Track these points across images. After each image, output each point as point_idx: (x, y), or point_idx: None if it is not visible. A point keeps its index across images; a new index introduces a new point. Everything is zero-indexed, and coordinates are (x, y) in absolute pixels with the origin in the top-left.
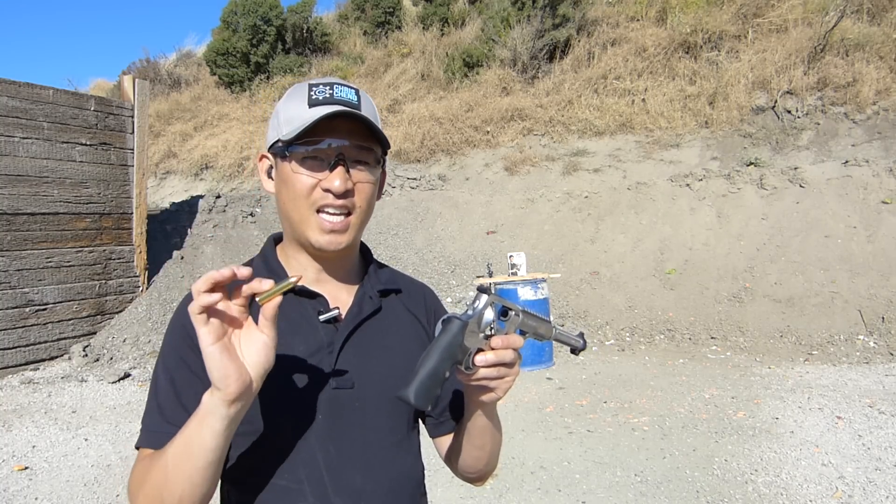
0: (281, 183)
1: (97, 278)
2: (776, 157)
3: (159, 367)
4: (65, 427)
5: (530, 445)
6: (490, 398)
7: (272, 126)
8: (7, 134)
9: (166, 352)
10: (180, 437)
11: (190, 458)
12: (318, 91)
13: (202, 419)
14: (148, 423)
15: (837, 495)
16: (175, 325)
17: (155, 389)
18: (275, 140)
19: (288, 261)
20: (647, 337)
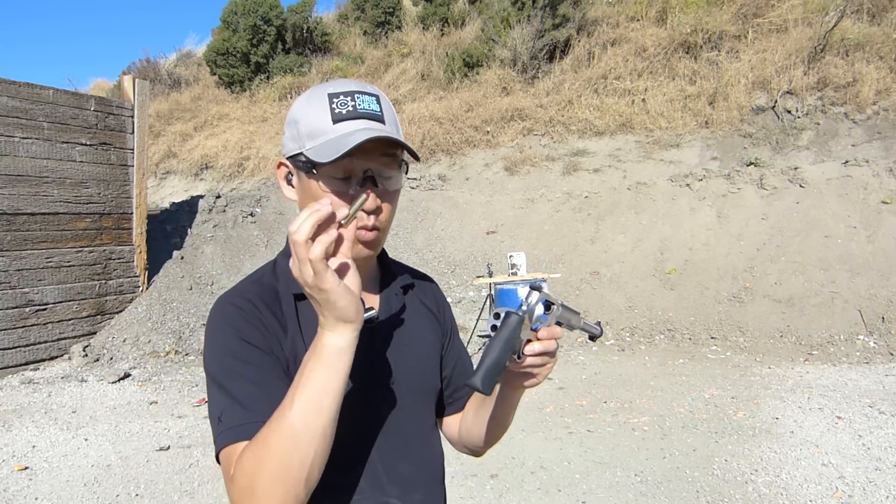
0: (307, 197)
1: (97, 278)
2: (776, 157)
3: (218, 368)
4: (65, 427)
5: (530, 445)
6: (532, 383)
7: (291, 135)
8: (7, 134)
9: (223, 352)
10: (304, 394)
11: (321, 412)
12: (340, 103)
13: (331, 363)
14: (230, 420)
15: (837, 495)
16: (221, 324)
17: (224, 390)
18: (296, 152)
19: None
20: (647, 337)
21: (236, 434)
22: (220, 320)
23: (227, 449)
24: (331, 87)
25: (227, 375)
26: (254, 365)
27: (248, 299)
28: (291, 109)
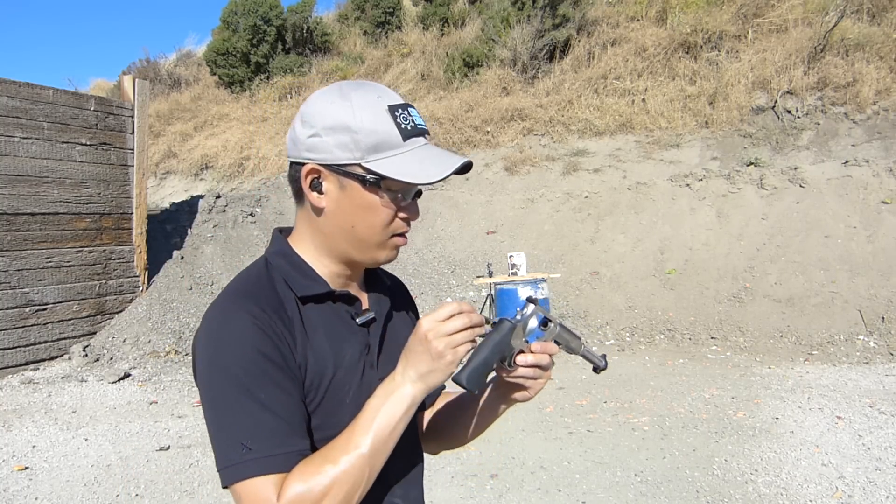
0: (357, 207)
1: (97, 278)
2: (776, 157)
3: (236, 388)
4: (65, 427)
5: (530, 445)
6: (523, 397)
7: (342, 143)
8: (7, 134)
9: (241, 369)
10: (379, 437)
11: (386, 454)
12: (403, 118)
13: (409, 414)
14: (262, 448)
15: (837, 495)
16: (234, 336)
17: (246, 414)
18: (351, 162)
19: (314, 263)
20: (647, 337)
21: (273, 465)
22: (233, 331)
23: (260, 479)
24: (384, 97)
25: (249, 397)
26: (276, 386)
27: (260, 307)
28: (334, 114)
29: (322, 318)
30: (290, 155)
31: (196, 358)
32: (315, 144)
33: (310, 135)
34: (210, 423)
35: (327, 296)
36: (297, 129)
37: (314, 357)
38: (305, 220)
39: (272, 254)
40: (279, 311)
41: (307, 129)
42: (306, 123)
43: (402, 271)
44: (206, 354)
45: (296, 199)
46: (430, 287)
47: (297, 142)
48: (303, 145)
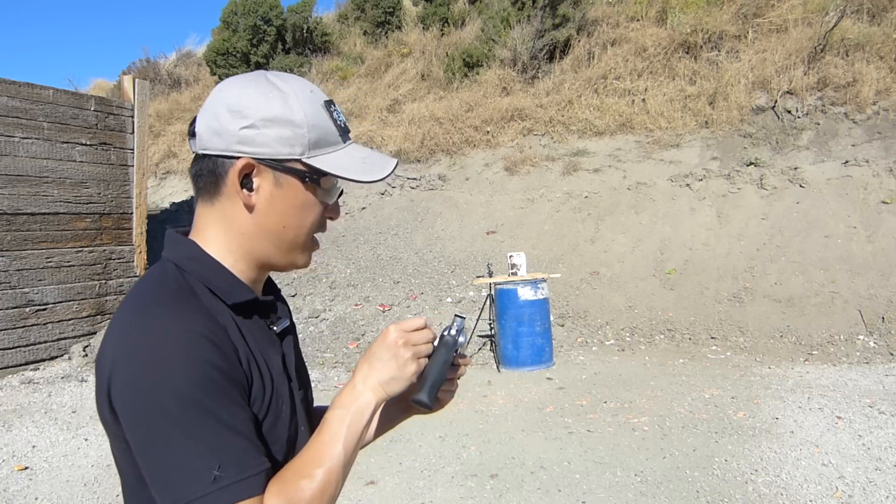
0: (290, 206)
1: (97, 278)
2: (776, 157)
3: (193, 412)
4: (65, 427)
5: (530, 445)
6: (436, 407)
7: (282, 137)
8: (7, 134)
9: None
10: (346, 445)
11: (356, 453)
12: (336, 114)
13: (370, 420)
14: (233, 474)
15: (837, 495)
16: (194, 361)
17: (212, 438)
18: (290, 157)
19: (231, 268)
20: (647, 337)
21: (248, 489)
22: (178, 344)
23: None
24: (315, 91)
25: (210, 417)
26: (233, 402)
27: (201, 314)
28: (273, 105)
29: (247, 328)
30: (208, 147)
31: (118, 382)
32: (250, 137)
33: (243, 126)
34: (155, 456)
35: (252, 303)
36: (223, 120)
37: (255, 369)
38: (219, 219)
39: (184, 259)
40: (215, 321)
41: (240, 119)
42: (237, 114)
43: (403, 272)
44: (141, 377)
45: (204, 197)
46: (430, 287)
47: (225, 133)
48: (233, 137)
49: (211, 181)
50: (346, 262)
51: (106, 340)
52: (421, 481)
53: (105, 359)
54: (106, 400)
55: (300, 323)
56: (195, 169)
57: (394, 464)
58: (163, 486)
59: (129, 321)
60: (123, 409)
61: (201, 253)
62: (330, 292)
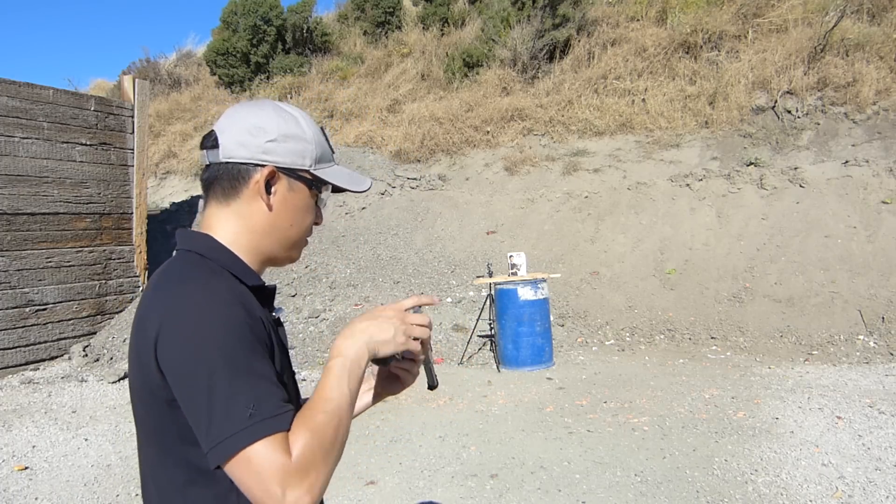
0: (297, 209)
1: (97, 278)
2: (776, 157)
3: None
4: (65, 427)
5: (530, 445)
6: (397, 390)
7: (297, 150)
8: (7, 134)
9: (226, 349)
10: (347, 397)
11: (354, 402)
12: (328, 137)
13: (365, 363)
14: (267, 409)
15: (837, 495)
16: (233, 319)
17: (246, 383)
18: (302, 168)
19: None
20: (647, 337)
21: (278, 424)
22: (220, 306)
23: (266, 441)
24: (310, 118)
25: (246, 367)
26: (265, 358)
27: (231, 286)
28: (289, 124)
29: (261, 309)
30: (234, 156)
31: (167, 341)
32: (273, 148)
33: (268, 140)
34: (202, 403)
35: (261, 289)
36: (248, 134)
37: (274, 339)
38: (233, 218)
39: (204, 248)
40: (242, 291)
41: (263, 134)
42: (260, 129)
43: (403, 271)
44: (188, 334)
45: (219, 198)
46: (430, 287)
47: (250, 145)
48: (259, 148)
49: (230, 185)
50: (346, 262)
51: (148, 309)
52: (421, 481)
53: (150, 323)
54: (153, 360)
55: (300, 323)
56: (211, 174)
57: (394, 464)
58: (207, 427)
59: (171, 289)
60: (172, 365)
61: (218, 244)
62: (330, 292)
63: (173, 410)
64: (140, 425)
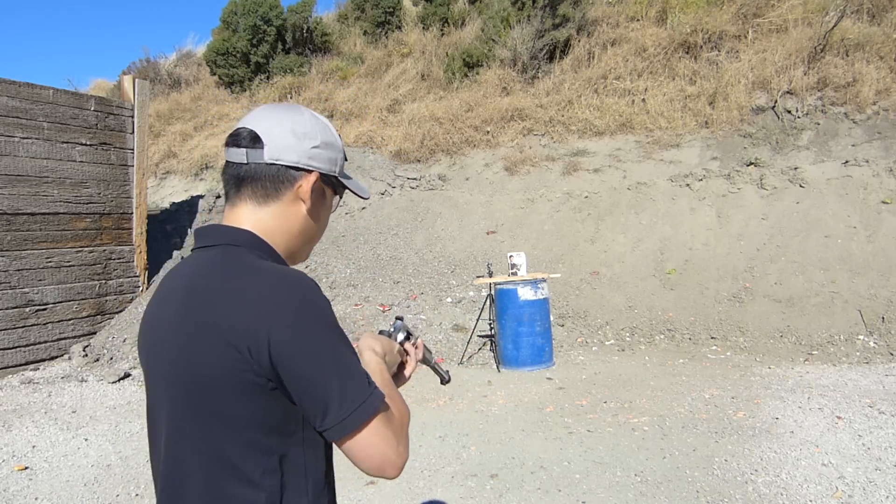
0: (324, 211)
1: (97, 278)
2: (776, 157)
3: (339, 338)
4: (65, 427)
5: (530, 445)
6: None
7: (331, 158)
8: (7, 134)
9: (334, 326)
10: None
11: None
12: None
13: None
14: (371, 383)
15: (837, 495)
16: (325, 302)
17: (354, 359)
18: (333, 174)
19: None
20: (647, 337)
21: (383, 399)
22: (317, 291)
23: (377, 412)
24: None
25: (348, 345)
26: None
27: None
28: (328, 132)
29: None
30: (281, 158)
31: (283, 334)
32: (317, 154)
33: (313, 146)
34: (330, 379)
35: None
36: (295, 139)
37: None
38: (270, 218)
39: (255, 244)
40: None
41: (310, 140)
42: (306, 135)
43: (403, 272)
44: (304, 322)
45: (257, 198)
46: (430, 287)
47: (299, 149)
48: (306, 154)
49: (273, 186)
50: (346, 262)
51: (238, 308)
52: (421, 481)
53: (252, 322)
54: (266, 356)
55: None
56: (248, 173)
57: None
58: (351, 388)
59: (258, 277)
60: (292, 354)
61: (263, 242)
62: (330, 292)
63: (266, 398)
64: (195, 418)
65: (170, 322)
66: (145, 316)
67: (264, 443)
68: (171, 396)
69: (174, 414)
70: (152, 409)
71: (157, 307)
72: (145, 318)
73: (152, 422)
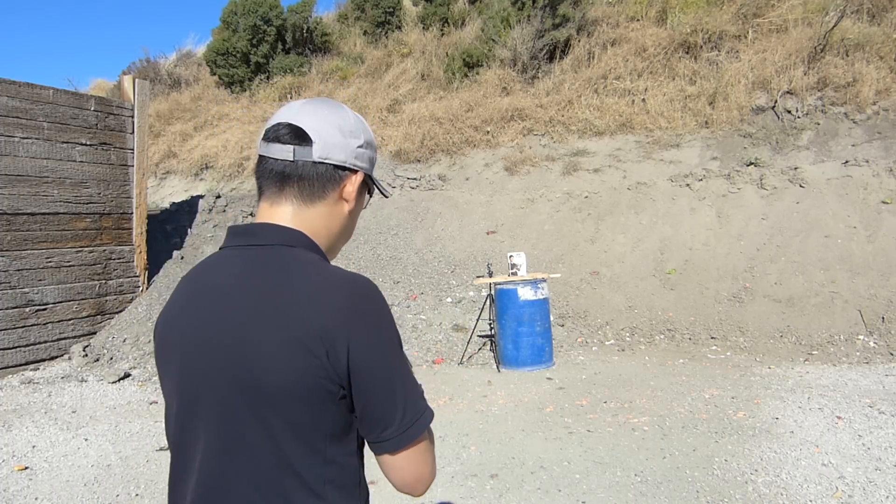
0: (359, 210)
1: (97, 278)
2: (776, 157)
3: (403, 349)
4: (65, 427)
5: (530, 445)
6: None
7: (370, 157)
8: (7, 134)
9: (399, 336)
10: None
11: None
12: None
13: None
14: (426, 403)
15: (837, 495)
16: (390, 309)
17: (410, 373)
18: (370, 172)
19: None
20: (647, 337)
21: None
22: (388, 307)
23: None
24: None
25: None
26: None
27: None
28: (367, 130)
29: None
30: (330, 157)
31: (362, 340)
32: (362, 154)
33: (359, 145)
34: (399, 387)
35: None
36: (342, 137)
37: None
38: (316, 218)
39: (310, 246)
40: None
41: (355, 139)
42: (352, 133)
43: (403, 272)
44: (380, 330)
45: (304, 197)
46: (430, 287)
47: (346, 148)
48: (352, 153)
49: (320, 185)
50: (346, 262)
51: (317, 313)
52: None
53: (332, 327)
54: (344, 361)
55: None
56: (293, 171)
57: None
58: (412, 402)
59: (334, 289)
60: (369, 361)
61: (312, 241)
62: None
63: (336, 406)
64: (255, 426)
65: (224, 323)
66: (172, 315)
67: (328, 452)
68: (221, 403)
69: (226, 422)
70: (183, 417)
71: (195, 305)
72: (174, 316)
73: (181, 430)
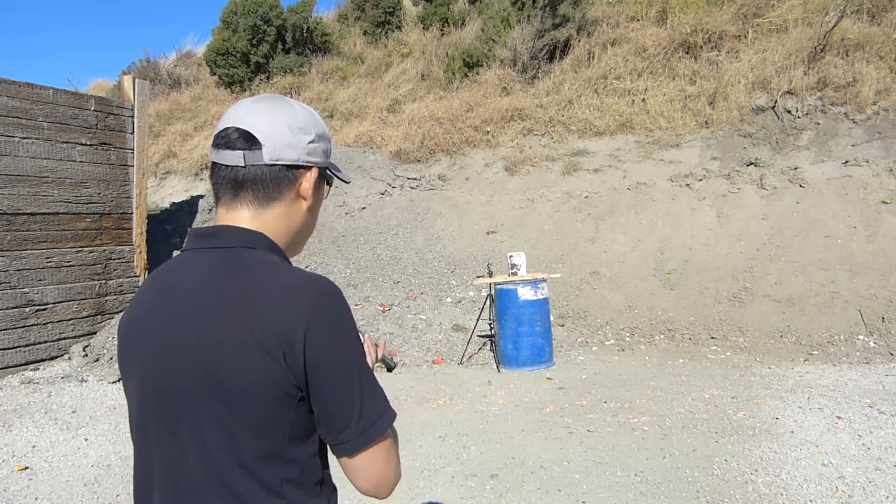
0: (319, 204)
1: (97, 278)
2: (776, 157)
3: (363, 349)
4: (65, 427)
5: (530, 445)
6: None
7: (324, 150)
8: (7, 134)
9: (359, 336)
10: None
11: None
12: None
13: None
14: (388, 404)
15: (837, 495)
16: (352, 314)
17: (370, 373)
18: (325, 166)
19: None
20: (647, 337)
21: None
22: (349, 307)
23: (386, 432)
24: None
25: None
26: None
27: None
28: (318, 123)
29: None
30: (282, 158)
31: (319, 338)
32: (314, 149)
33: (310, 140)
34: (360, 386)
35: None
36: (292, 135)
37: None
38: (274, 219)
39: (267, 247)
40: None
41: (305, 135)
42: (302, 130)
43: (403, 271)
44: (338, 328)
45: (259, 200)
46: (430, 287)
47: (297, 146)
48: (304, 150)
49: (275, 187)
50: (346, 262)
51: (274, 314)
52: (421, 481)
53: (288, 328)
54: (301, 362)
55: None
56: (247, 175)
57: None
58: (370, 404)
59: (292, 290)
60: (326, 362)
61: (273, 242)
62: None
63: (294, 406)
64: (214, 427)
65: (186, 325)
66: (135, 317)
67: (288, 453)
68: (182, 405)
69: (186, 424)
70: (145, 419)
71: (157, 308)
72: (136, 319)
73: (143, 432)
